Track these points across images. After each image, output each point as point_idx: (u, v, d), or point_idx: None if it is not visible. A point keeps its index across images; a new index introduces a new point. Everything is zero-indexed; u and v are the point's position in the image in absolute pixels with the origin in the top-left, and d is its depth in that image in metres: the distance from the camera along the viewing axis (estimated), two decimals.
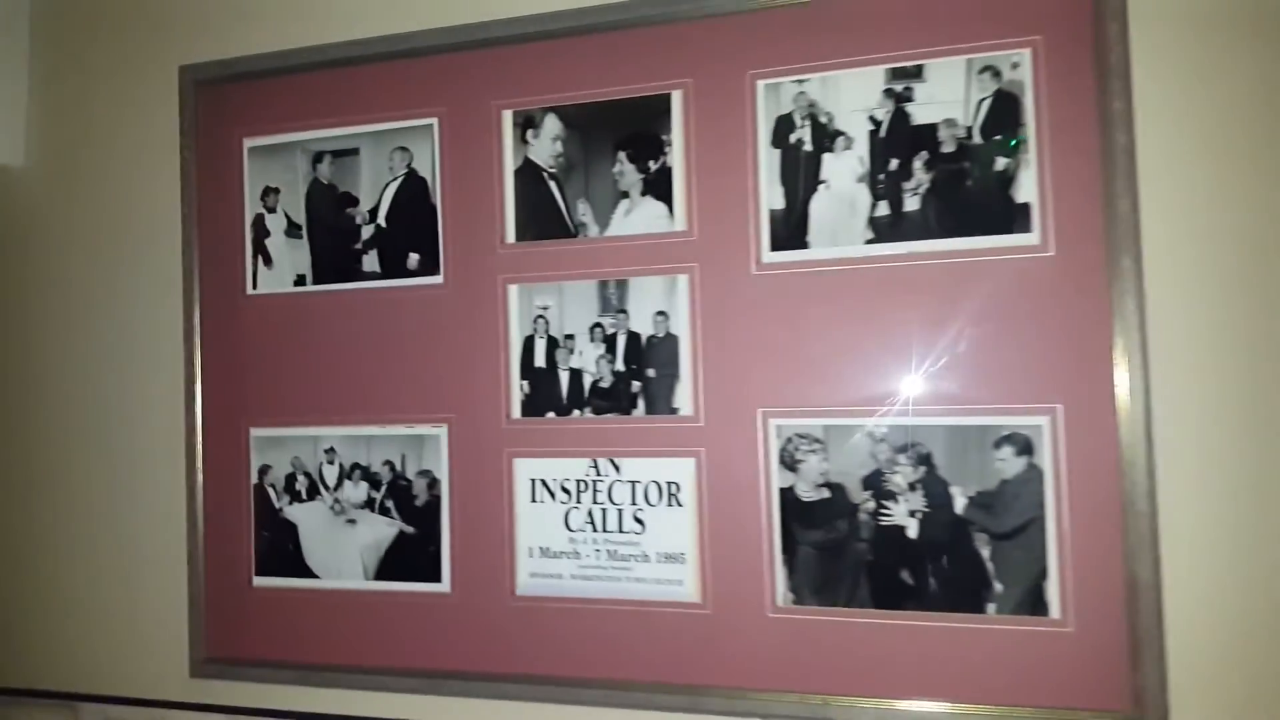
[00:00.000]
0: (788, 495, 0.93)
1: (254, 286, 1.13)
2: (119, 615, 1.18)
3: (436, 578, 1.04)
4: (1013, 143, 0.88)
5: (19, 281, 1.25)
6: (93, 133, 1.23)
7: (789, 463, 0.93)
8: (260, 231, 1.13)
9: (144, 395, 1.17)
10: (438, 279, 1.05)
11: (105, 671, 1.18)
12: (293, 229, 1.12)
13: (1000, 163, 0.89)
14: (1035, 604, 0.86)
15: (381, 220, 1.08)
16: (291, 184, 1.12)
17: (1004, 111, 0.89)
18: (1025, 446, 0.86)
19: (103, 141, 1.22)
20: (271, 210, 1.13)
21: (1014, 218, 0.88)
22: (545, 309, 1.02)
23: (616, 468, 0.99)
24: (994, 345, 0.88)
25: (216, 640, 1.12)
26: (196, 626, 1.12)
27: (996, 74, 0.89)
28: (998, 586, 0.87)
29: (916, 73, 0.91)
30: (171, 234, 1.16)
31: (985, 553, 0.87)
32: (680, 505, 0.96)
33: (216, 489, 1.13)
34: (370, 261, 1.08)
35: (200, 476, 1.13)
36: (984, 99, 0.89)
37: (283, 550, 1.10)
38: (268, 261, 1.13)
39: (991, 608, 0.87)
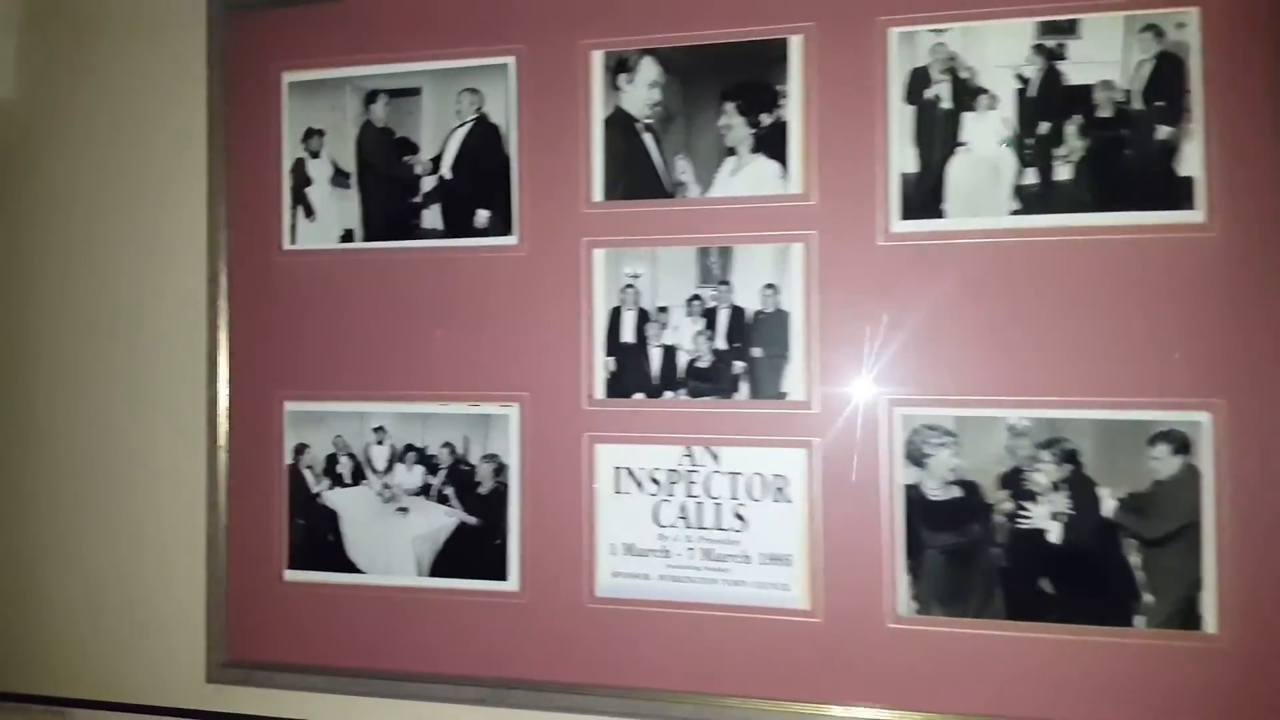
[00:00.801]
0: (913, 493, 0.84)
1: (292, 241, 1.00)
2: (124, 611, 1.04)
3: (502, 575, 0.92)
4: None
5: (10, 235, 1.09)
6: (102, 62, 1.08)
7: (915, 457, 0.84)
8: (301, 179, 1.00)
9: (161, 363, 1.04)
10: (511, 240, 0.94)
11: (105, 674, 1.05)
12: (340, 177, 0.99)
13: (1162, 131, 0.80)
14: (1188, 617, 0.78)
15: (446, 171, 0.96)
16: (339, 126, 0.99)
17: (1167, 75, 0.80)
18: (1182, 445, 0.79)
19: (114, 73, 1.07)
20: (315, 155, 0.99)
21: (1176, 192, 0.80)
22: (636, 278, 0.91)
23: (715, 457, 0.88)
24: (1150, 332, 0.80)
25: (240, 641, 1.00)
26: (216, 625, 0.99)
27: (1159, 34, 0.81)
28: (1147, 597, 0.79)
29: (1070, 28, 0.82)
30: (196, 180, 1.03)
31: (1134, 560, 0.79)
32: (788, 501, 0.86)
33: (243, 469, 1.00)
34: (431, 217, 0.96)
35: (224, 455, 1.00)
36: (1145, 60, 0.81)
37: (320, 540, 0.98)
38: (309, 213, 0.99)
39: (1140, 620, 0.79)
